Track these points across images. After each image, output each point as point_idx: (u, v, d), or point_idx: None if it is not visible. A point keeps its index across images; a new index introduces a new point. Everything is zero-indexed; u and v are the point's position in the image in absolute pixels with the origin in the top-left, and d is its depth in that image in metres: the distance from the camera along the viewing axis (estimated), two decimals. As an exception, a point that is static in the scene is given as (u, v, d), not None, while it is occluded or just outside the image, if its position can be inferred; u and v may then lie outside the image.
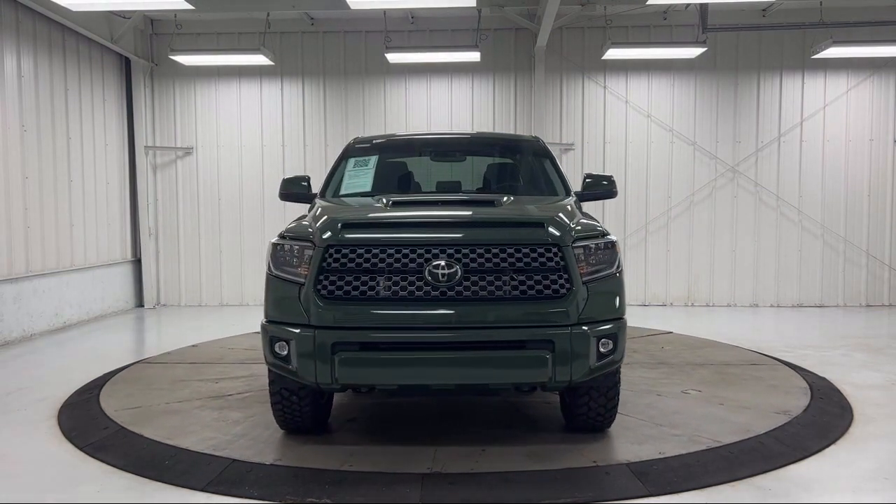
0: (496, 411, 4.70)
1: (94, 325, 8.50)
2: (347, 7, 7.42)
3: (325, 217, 3.80)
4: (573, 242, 3.66)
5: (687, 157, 9.88)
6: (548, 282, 3.56)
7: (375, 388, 3.74)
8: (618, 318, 3.75)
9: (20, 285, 7.53)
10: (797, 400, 4.88)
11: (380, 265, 3.54)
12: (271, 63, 9.43)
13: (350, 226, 3.67)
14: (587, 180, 4.96)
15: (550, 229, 3.67)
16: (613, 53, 9.05)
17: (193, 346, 7.02)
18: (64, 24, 8.19)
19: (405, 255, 3.54)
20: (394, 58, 9.24)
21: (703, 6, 8.69)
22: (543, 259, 3.59)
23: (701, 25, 8.75)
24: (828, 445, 4.04)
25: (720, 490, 3.43)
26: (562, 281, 3.58)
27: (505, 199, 4.27)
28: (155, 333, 8.37)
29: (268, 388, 4.05)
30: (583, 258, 3.68)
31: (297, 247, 3.70)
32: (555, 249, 3.61)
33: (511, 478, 3.55)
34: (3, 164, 7.33)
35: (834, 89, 9.72)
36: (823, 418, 4.51)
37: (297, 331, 3.56)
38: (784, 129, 9.79)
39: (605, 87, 9.85)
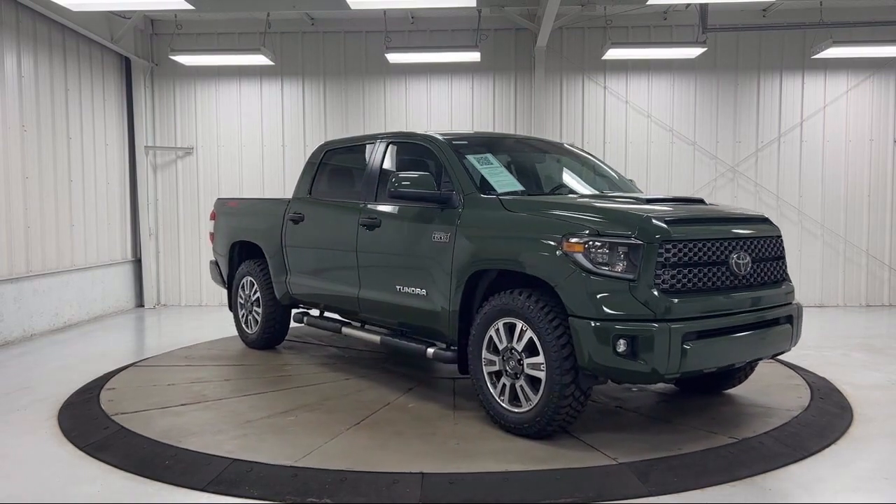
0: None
1: (95, 325, 8.50)
2: (347, 7, 7.42)
3: (639, 215, 3.92)
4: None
5: (687, 157, 9.87)
6: (782, 267, 4.42)
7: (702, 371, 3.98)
8: None
9: (20, 285, 7.53)
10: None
11: (703, 258, 3.92)
12: (271, 63, 9.42)
13: (676, 222, 3.93)
14: None
15: (774, 223, 4.52)
16: (613, 53, 9.04)
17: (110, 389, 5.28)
18: (64, 24, 8.18)
19: (717, 248, 3.98)
20: (394, 58, 9.24)
21: (703, 6, 8.68)
22: (779, 248, 4.42)
23: (701, 25, 8.74)
24: (828, 445, 4.04)
25: (720, 490, 3.43)
26: (784, 265, 4.46)
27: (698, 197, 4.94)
28: (155, 334, 8.38)
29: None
30: None
31: (611, 243, 3.78)
32: (779, 239, 4.44)
33: (511, 477, 3.55)
34: (3, 164, 7.33)
35: (834, 89, 9.72)
36: (823, 418, 4.52)
37: (653, 326, 3.65)
38: (784, 129, 9.79)
39: (605, 87, 9.85)
